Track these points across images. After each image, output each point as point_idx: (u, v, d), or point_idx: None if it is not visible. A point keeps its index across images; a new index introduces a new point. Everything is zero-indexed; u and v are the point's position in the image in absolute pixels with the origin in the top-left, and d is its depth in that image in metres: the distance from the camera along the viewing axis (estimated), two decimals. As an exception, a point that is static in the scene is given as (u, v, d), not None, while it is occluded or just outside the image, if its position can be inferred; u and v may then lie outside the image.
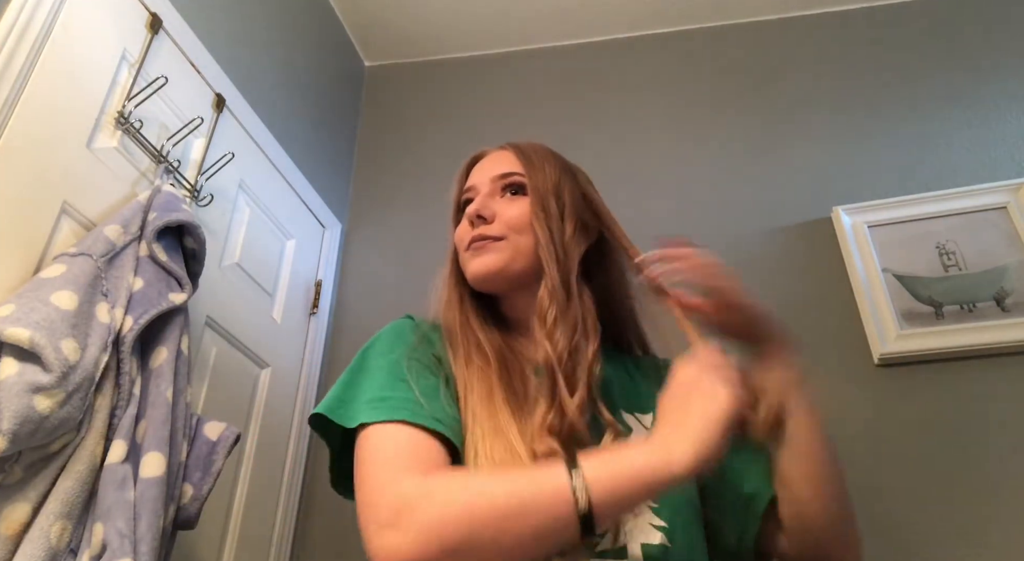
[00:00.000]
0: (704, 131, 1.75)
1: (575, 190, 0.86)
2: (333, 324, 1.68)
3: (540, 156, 0.88)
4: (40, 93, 0.93)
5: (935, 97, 1.66)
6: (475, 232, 0.82)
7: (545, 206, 0.81)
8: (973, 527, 1.19)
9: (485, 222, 0.82)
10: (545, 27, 1.97)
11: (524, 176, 0.84)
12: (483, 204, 0.83)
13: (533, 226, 0.80)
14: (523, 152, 0.88)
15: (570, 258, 0.80)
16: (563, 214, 0.82)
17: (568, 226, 0.81)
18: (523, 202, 0.83)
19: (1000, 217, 1.44)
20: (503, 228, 0.81)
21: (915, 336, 1.35)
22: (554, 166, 0.87)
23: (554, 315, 0.74)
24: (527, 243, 0.80)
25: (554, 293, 0.76)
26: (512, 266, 0.80)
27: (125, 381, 0.89)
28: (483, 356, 0.76)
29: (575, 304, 0.77)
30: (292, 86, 1.68)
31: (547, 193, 0.83)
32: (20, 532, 0.77)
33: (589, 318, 0.77)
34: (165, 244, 1.01)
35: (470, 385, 0.73)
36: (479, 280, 0.82)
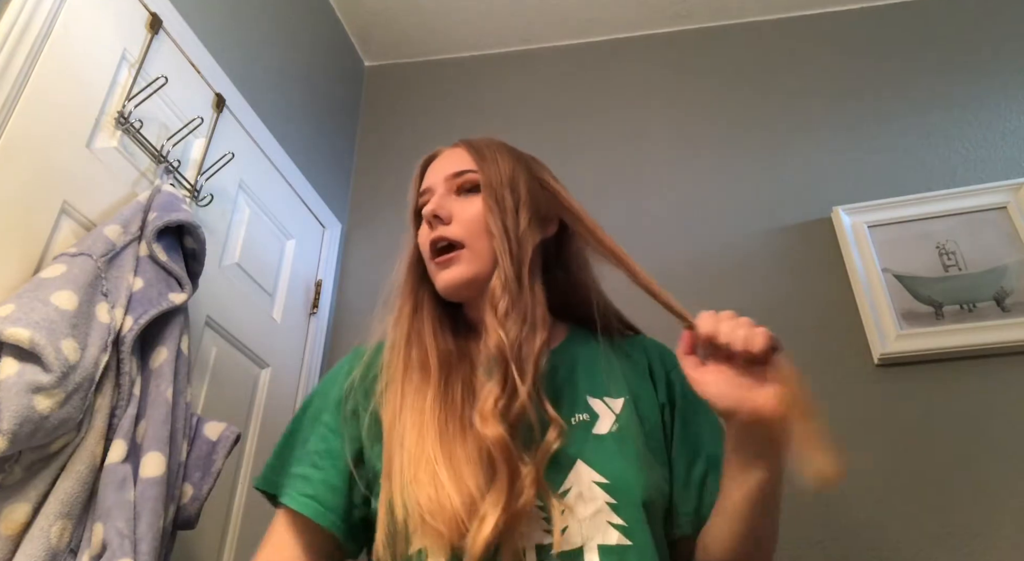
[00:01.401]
0: (704, 131, 1.75)
1: (531, 180, 0.85)
2: (333, 324, 1.68)
3: (492, 150, 0.87)
4: (40, 93, 0.93)
5: (935, 97, 1.66)
6: (434, 234, 0.81)
7: (499, 199, 0.81)
8: (973, 527, 1.19)
9: (442, 222, 0.82)
10: (545, 27, 1.97)
11: (477, 172, 0.84)
12: (439, 204, 0.82)
13: (487, 224, 0.80)
14: (475, 148, 0.87)
15: (523, 250, 0.79)
16: (518, 206, 0.81)
17: (523, 217, 0.81)
18: (478, 200, 0.82)
19: (1000, 217, 1.44)
20: (461, 230, 0.81)
21: (915, 336, 1.35)
22: (507, 158, 0.86)
23: (506, 306, 0.74)
24: (487, 245, 0.80)
25: (506, 285, 0.76)
26: (481, 273, 0.80)
27: (125, 381, 0.89)
28: (424, 371, 0.76)
29: (526, 296, 0.77)
30: (292, 86, 1.68)
31: (500, 186, 0.82)
32: (20, 532, 0.77)
33: (539, 310, 0.77)
34: (165, 244, 1.01)
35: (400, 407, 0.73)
36: (450, 292, 0.82)
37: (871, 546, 1.21)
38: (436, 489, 0.65)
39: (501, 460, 0.66)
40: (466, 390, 0.74)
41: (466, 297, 0.83)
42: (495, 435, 0.66)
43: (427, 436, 0.69)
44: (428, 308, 0.84)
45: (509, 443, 0.66)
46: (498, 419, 0.67)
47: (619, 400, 0.79)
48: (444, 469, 0.66)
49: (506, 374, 0.71)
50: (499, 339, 0.72)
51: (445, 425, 0.70)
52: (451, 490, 0.64)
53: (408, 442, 0.69)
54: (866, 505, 1.24)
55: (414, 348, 0.79)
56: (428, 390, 0.74)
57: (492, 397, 0.69)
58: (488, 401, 0.69)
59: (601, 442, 0.75)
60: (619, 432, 0.76)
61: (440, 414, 0.71)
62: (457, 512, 0.63)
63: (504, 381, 0.70)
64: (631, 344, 0.90)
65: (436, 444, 0.68)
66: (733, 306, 1.64)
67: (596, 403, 0.79)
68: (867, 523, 1.23)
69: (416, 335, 0.80)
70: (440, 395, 0.73)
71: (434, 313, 0.84)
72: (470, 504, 0.64)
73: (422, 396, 0.73)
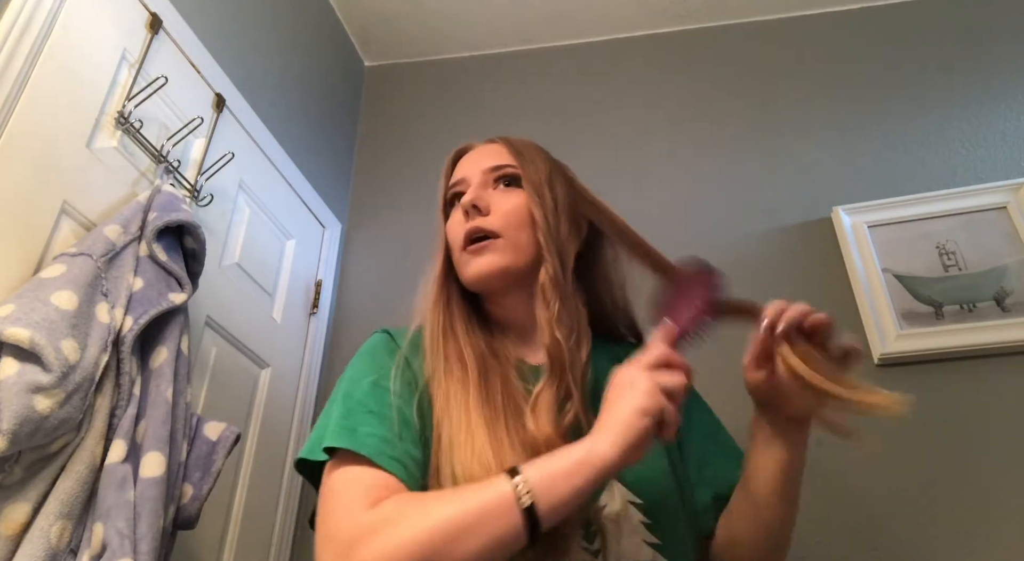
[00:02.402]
0: (704, 131, 1.75)
1: (565, 183, 0.85)
2: (333, 324, 1.68)
3: (531, 150, 0.87)
4: (40, 93, 0.93)
5: (935, 97, 1.66)
6: (472, 224, 0.79)
7: (540, 195, 0.80)
8: (974, 527, 1.19)
9: (480, 213, 0.80)
10: (545, 27, 1.97)
11: (517, 168, 0.83)
12: (477, 195, 0.81)
13: (532, 216, 0.79)
14: (513, 145, 0.87)
15: (564, 252, 0.78)
16: (557, 205, 0.81)
17: (563, 220, 0.80)
18: (518, 194, 0.81)
19: (1000, 217, 1.44)
20: (500, 222, 0.79)
21: (915, 336, 1.35)
22: (544, 159, 0.86)
23: (558, 305, 0.73)
24: (526, 239, 0.79)
25: (556, 281, 0.75)
26: (515, 265, 0.78)
27: (125, 381, 0.89)
28: (462, 366, 0.74)
29: (572, 298, 0.76)
30: (292, 86, 1.68)
31: (541, 185, 0.81)
32: (20, 532, 0.77)
33: (583, 319, 0.77)
34: (165, 244, 1.01)
35: (447, 400, 0.71)
36: (481, 281, 0.80)
37: (872, 546, 1.21)
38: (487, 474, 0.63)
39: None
40: (505, 390, 0.73)
41: (494, 289, 0.82)
42: (548, 436, 0.66)
43: (476, 435, 0.68)
44: (457, 302, 0.82)
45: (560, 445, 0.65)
46: (553, 421, 0.67)
47: None
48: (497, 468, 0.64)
49: (563, 377, 0.70)
50: (556, 341, 0.71)
51: (493, 425, 0.69)
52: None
53: (458, 440, 0.68)
54: (866, 505, 1.24)
55: (450, 343, 0.77)
56: (469, 387, 0.72)
57: (548, 398, 0.68)
58: (544, 401, 0.68)
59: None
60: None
61: (485, 413, 0.69)
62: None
63: (560, 383, 0.69)
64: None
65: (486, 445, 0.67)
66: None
67: None
68: (867, 523, 1.23)
69: (450, 328, 0.78)
70: (481, 394, 0.71)
71: (463, 309, 0.82)
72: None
73: (465, 392, 0.71)
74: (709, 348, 0.73)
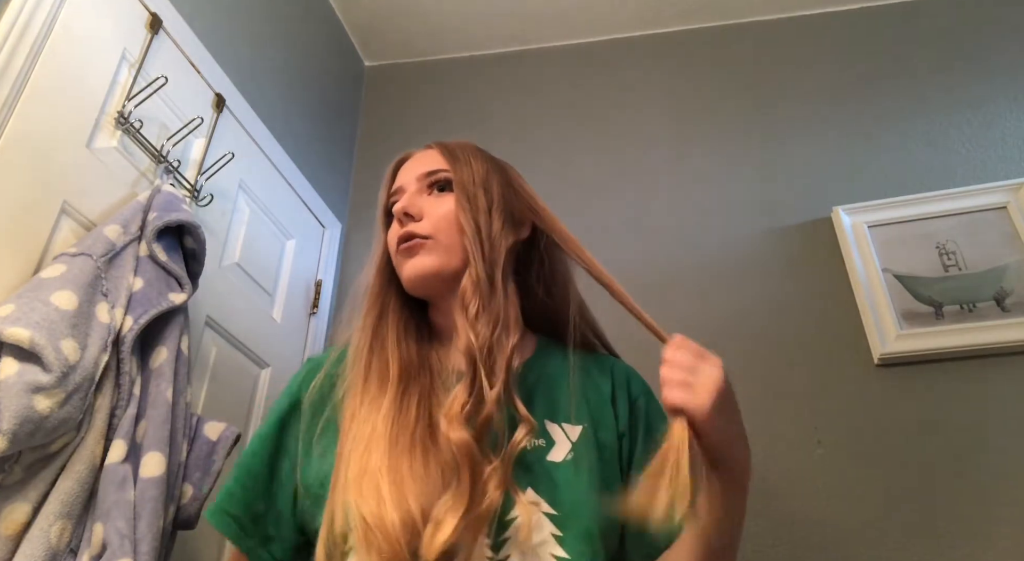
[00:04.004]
0: (704, 131, 1.75)
1: (504, 183, 0.85)
2: (333, 324, 1.68)
3: (466, 152, 0.87)
4: (40, 93, 0.93)
5: (935, 97, 1.66)
6: (404, 230, 0.80)
7: (471, 199, 0.80)
8: (974, 527, 1.19)
9: (413, 220, 0.81)
10: (545, 27, 1.97)
11: (449, 171, 0.83)
12: (410, 202, 0.82)
13: (459, 220, 0.79)
14: (448, 149, 0.87)
15: (496, 251, 0.78)
16: (491, 207, 0.81)
17: (496, 218, 0.80)
18: (450, 199, 0.82)
19: (1000, 217, 1.44)
20: (431, 226, 0.80)
21: (915, 336, 1.35)
22: (480, 160, 0.86)
23: (476, 306, 0.73)
24: (457, 242, 0.79)
25: (477, 284, 0.75)
26: (447, 266, 0.79)
27: (125, 381, 0.89)
28: (382, 379, 0.74)
29: (499, 297, 0.75)
30: (292, 86, 1.68)
31: (473, 187, 0.81)
32: (20, 532, 0.77)
33: (512, 312, 0.77)
34: (165, 244, 1.01)
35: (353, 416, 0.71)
36: (414, 281, 0.80)
37: (872, 547, 1.21)
38: (378, 505, 0.62)
39: (464, 464, 0.64)
40: (422, 403, 0.72)
41: (431, 291, 0.82)
42: (459, 439, 0.65)
43: (374, 450, 0.67)
44: (394, 312, 0.82)
45: (473, 446, 0.65)
46: (464, 423, 0.66)
47: (577, 428, 0.77)
48: (387, 484, 0.64)
49: (474, 378, 0.69)
50: (468, 341, 0.71)
51: (396, 439, 0.68)
52: (391, 506, 0.62)
53: (355, 455, 0.67)
54: (866, 505, 1.24)
55: (375, 356, 0.77)
56: (383, 401, 0.71)
57: (459, 401, 0.68)
58: (455, 405, 0.68)
59: (554, 470, 0.73)
60: (574, 461, 0.74)
61: (392, 427, 0.69)
62: (396, 530, 0.61)
63: (472, 385, 0.69)
64: (599, 365, 0.88)
65: (383, 458, 0.66)
66: (733, 306, 1.64)
67: (553, 429, 0.76)
68: (868, 524, 1.23)
69: (379, 342, 0.78)
70: (395, 407, 0.71)
71: (400, 318, 0.82)
72: (410, 523, 0.61)
73: (376, 408, 0.71)
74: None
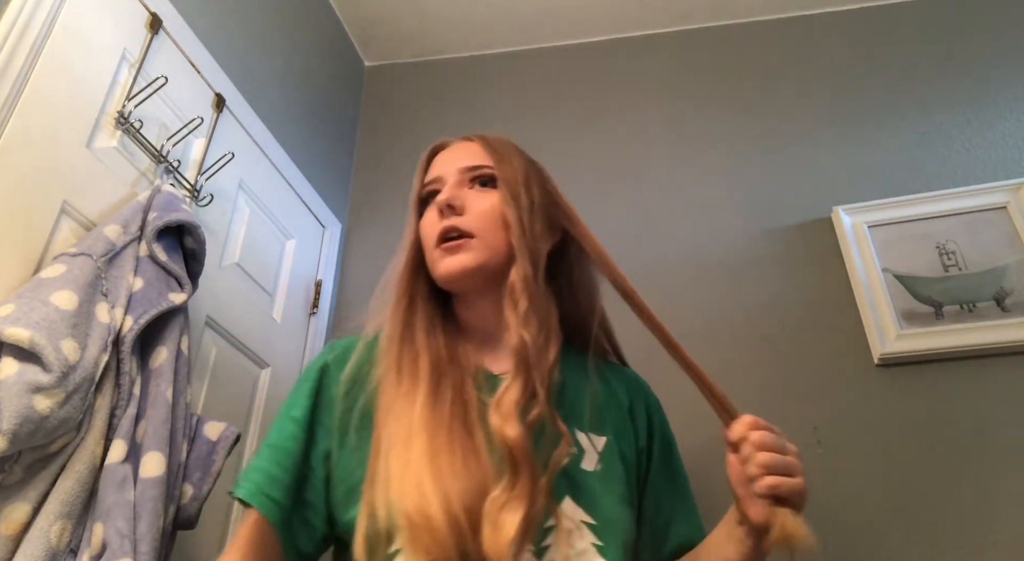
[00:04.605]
0: (704, 131, 1.75)
1: (541, 186, 0.84)
2: (333, 324, 1.68)
3: (508, 149, 0.86)
4: (40, 93, 0.93)
5: (935, 97, 1.66)
6: (446, 223, 0.78)
7: (515, 196, 0.79)
8: (974, 527, 1.19)
9: (455, 213, 0.79)
10: (545, 27, 1.97)
11: (494, 168, 0.82)
12: (453, 194, 0.80)
13: (505, 217, 0.78)
14: (491, 144, 0.85)
15: (538, 250, 0.77)
16: (532, 206, 0.80)
17: (537, 221, 0.79)
18: (493, 195, 0.80)
19: (1000, 217, 1.44)
20: (474, 222, 0.78)
21: (915, 336, 1.35)
22: (521, 159, 0.85)
23: (526, 305, 0.72)
24: (499, 239, 0.78)
25: (526, 281, 0.74)
26: (487, 264, 0.77)
27: (125, 381, 0.89)
28: (414, 373, 0.73)
29: (543, 298, 0.75)
30: (292, 86, 1.68)
31: (516, 184, 0.80)
32: (20, 532, 0.77)
33: (553, 318, 0.76)
34: (165, 244, 1.01)
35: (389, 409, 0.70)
36: (453, 279, 0.78)
37: (872, 547, 1.21)
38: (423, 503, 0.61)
39: (524, 462, 0.63)
40: (456, 399, 0.71)
41: (466, 288, 0.81)
42: (517, 436, 0.64)
43: (413, 446, 0.66)
44: (422, 303, 0.80)
45: (529, 445, 0.64)
46: (518, 420, 0.65)
47: (602, 439, 0.77)
48: (430, 482, 0.63)
49: (528, 376, 0.69)
50: (522, 340, 0.70)
51: (433, 434, 0.67)
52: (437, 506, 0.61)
53: (394, 451, 0.66)
54: (866, 506, 1.24)
55: (406, 348, 0.75)
56: (417, 396, 0.70)
57: (513, 397, 0.67)
58: (507, 401, 0.67)
59: (588, 479, 0.73)
60: (603, 472, 0.74)
61: (429, 423, 0.68)
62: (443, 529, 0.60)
63: (525, 383, 0.68)
64: (616, 375, 0.88)
65: (423, 455, 0.65)
66: (733, 306, 1.64)
67: (581, 437, 0.76)
68: (868, 524, 1.23)
69: (408, 333, 0.77)
70: (429, 403, 0.70)
71: (428, 309, 0.80)
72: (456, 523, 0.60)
73: (411, 402, 0.70)
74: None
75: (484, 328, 0.82)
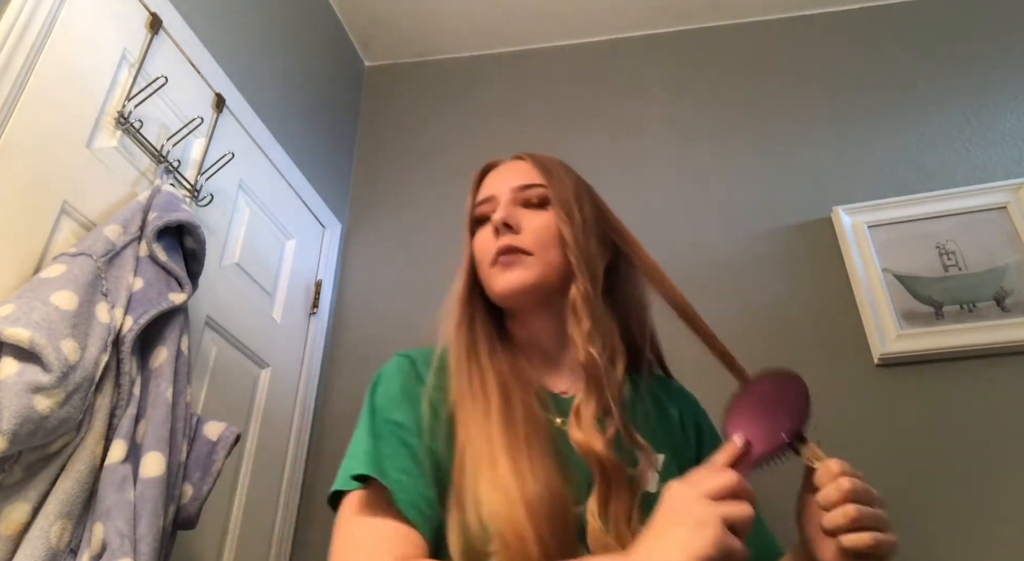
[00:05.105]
0: (704, 131, 1.75)
1: (593, 202, 0.85)
2: (333, 324, 1.68)
3: (558, 168, 0.86)
4: (40, 93, 0.93)
5: (935, 97, 1.66)
6: (503, 242, 0.79)
7: (570, 214, 0.80)
8: (974, 527, 1.19)
9: (511, 231, 0.79)
10: (545, 27, 1.97)
11: (547, 187, 0.83)
12: (509, 213, 0.80)
13: (561, 236, 0.78)
14: (541, 163, 0.86)
15: (595, 267, 0.78)
16: (585, 224, 0.81)
17: (591, 237, 0.80)
18: (547, 215, 0.81)
19: (1000, 217, 1.44)
20: (530, 240, 0.79)
21: (915, 336, 1.35)
22: (572, 178, 0.86)
23: (589, 322, 0.73)
24: (555, 257, 0.78)
25: (587, 298, 0.74)
26: (544, 281, 0.78)
27: (125, 381, 0.89)
28: (484, 393, 0.73)
29: (604, 317, 0.76)
30: (292, 86, 1.68)
31: (570, 203, 0.81)
32: (20, 532, 0.77)
33: (615, 335, 0.76)
34: (165, 244, 1.01)
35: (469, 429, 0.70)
36: (509, 296, 0.79)
37: (871, 546, 1.21)
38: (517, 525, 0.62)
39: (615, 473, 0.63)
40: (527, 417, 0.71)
41: (522, 305, 0.81)
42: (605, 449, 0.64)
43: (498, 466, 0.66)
44: (480, 322, 0.81)
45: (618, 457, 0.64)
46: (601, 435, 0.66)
47: (660, 456, 0.76)
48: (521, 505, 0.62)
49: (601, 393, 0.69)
50: (591, 357, 0.71)
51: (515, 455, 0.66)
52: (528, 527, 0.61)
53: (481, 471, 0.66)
54: (866, 505, 1.24)
55: (473, 367, 0.75)
56: (491, 414, 0.70)
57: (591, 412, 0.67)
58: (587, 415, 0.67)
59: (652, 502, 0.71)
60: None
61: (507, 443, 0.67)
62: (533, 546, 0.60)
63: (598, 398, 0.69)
64: (664, 389, 0.88)
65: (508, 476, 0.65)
66: (733, 306, 1.64)
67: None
68: (867, 523, 1.23)
69: (473, 353, 0.77)
70: (503, 422, 0.69)
71: (487, 328, 0.80)
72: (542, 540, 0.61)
73: (486, 421, 0.70)
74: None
75: (539, 346, 0.82)
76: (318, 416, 1.54)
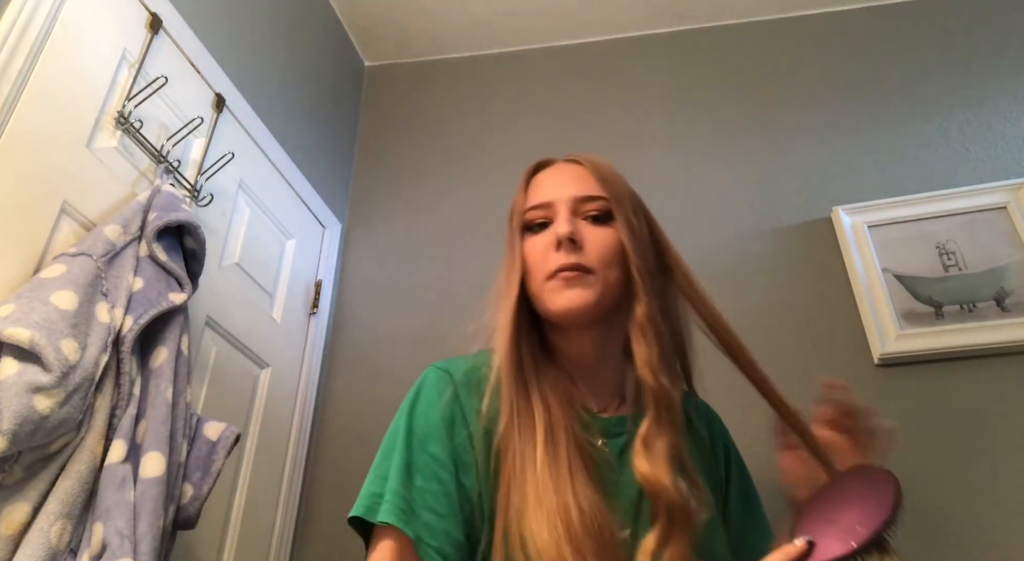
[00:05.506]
0: (704, 131, 1.75)
1: (646, 217, 0.84)
2: (333, 324, 1.68)
3: (617, 180, 0.84)
4: (40, 93, 0.93)
5: (935, 97, 1.65)
6: (569, 260, 0.75)
7: (636, 234, 0.78)
8: (973, 527, 1.19)
9: (575, 247, 0.76)
10: (545, 27, 1.97)
11: (610, 202, 0.80)
12: (575, 229, 0.77)
13: (624, 254, 0.76)
14: (600, 172, 0.83)
15: (659, 290, 0.77)
16: (646, 244, 0.79)
17: (651, 256, 0.79)
18: (609, 232, 0.78)
19: (1000, 217, 1.44)
20: (595, 258, 0.76)
21: (915, 336, 1.35)
22: (628, 190, 0.84)
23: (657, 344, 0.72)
24: (615, 276, 0.76)
25: (653, 319, 0.73)
26: (604, 301, 0.75)
27: (125, 381, 0.89)
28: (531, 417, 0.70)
29: (667, 337, 0.74)
30: (292, 86, 1.68)
31: (633, 221, 0.79)
32: (20, 532, 0.77)
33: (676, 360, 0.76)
34: (165, 244, 1.01)
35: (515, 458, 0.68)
36: (569, 314, 0.75)
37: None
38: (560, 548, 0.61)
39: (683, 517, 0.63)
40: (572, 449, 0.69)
41: (579, 323, 0.78)
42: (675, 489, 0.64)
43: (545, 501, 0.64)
44: (526, 335, 0.77)
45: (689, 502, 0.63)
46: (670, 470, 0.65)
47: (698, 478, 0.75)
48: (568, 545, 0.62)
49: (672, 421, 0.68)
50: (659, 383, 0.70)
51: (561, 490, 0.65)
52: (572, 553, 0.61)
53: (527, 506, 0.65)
54: (866, 505, 1.24)
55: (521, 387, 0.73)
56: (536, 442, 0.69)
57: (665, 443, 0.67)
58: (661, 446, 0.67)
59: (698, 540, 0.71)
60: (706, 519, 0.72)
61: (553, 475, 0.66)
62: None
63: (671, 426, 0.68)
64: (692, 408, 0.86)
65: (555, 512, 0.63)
66: (733, 306, 1.63)
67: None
68: (867, 523, 1.23)
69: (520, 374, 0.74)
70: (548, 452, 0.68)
71: (531, 341, 0.78)
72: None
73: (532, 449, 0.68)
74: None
75: (581, 362, 0.80)
76: (318, 416, 1.55)
